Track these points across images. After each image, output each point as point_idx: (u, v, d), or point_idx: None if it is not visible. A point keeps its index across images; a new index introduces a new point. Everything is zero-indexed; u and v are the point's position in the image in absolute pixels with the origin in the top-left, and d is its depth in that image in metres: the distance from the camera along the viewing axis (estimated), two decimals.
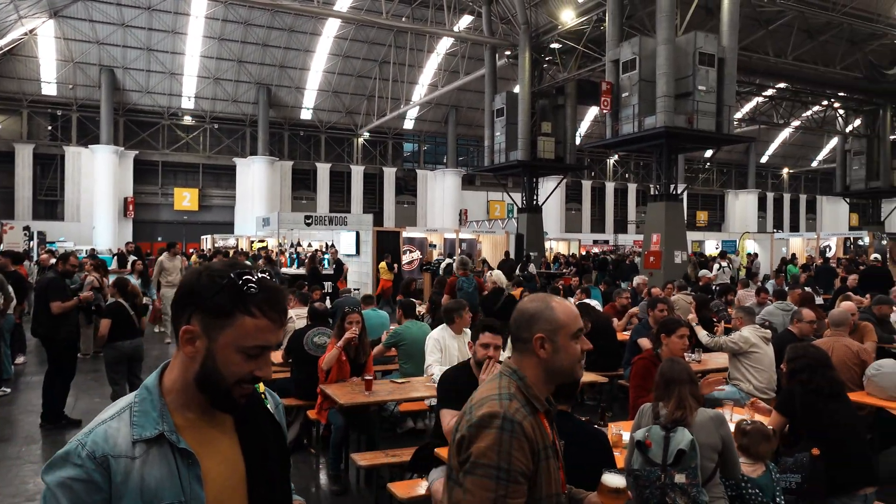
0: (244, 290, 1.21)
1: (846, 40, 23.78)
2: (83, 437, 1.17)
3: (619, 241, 37.17)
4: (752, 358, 5.40)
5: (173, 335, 5.27)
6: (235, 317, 1.21)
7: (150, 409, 1.22)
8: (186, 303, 1.24)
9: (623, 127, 18.57)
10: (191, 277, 1.26)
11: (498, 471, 1.61)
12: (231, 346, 1.22)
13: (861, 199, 31.36)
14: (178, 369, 1.27)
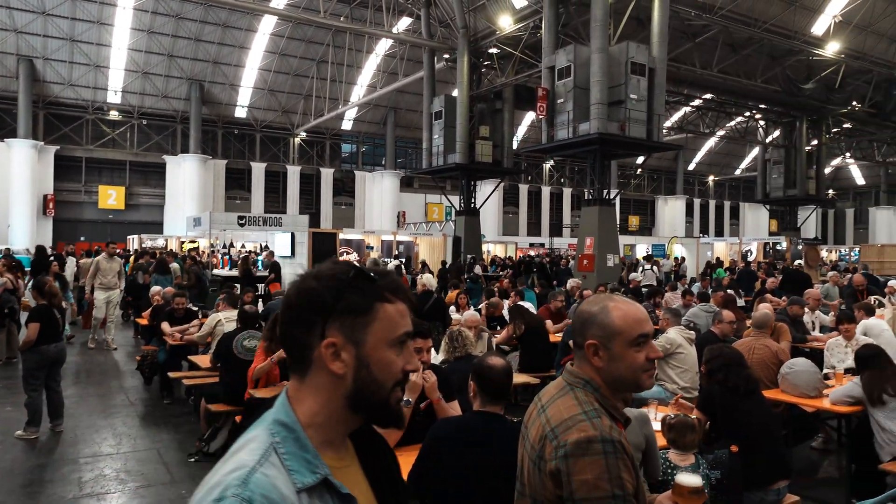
0: (373, 279, 1.09)
1: (766, 55, 25.02)
2: (239, 489, 0.92)
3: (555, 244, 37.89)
4: (678, 358, 5.58)
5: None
6: (375, 308, 1.07)
7: (298, 449, 1.02)
8: (312, 318, 1.06)
9: (558, 132, 18.95)
10: (303, 289, 1.08)
11: (615, 499, 1.47)
12: (382, 342, 1.07)
13: (780, 206, 33.01)
14: (316, 398, 1.06)
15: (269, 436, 1.02)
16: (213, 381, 6.01)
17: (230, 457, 1.00)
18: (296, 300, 1.08)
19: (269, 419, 1.05)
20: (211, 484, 0.95)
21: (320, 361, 1.05)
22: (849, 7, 25.43)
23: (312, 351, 1.06)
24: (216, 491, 0.92)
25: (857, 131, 35.13)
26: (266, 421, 1.05)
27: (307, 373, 1.07)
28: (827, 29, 25.95)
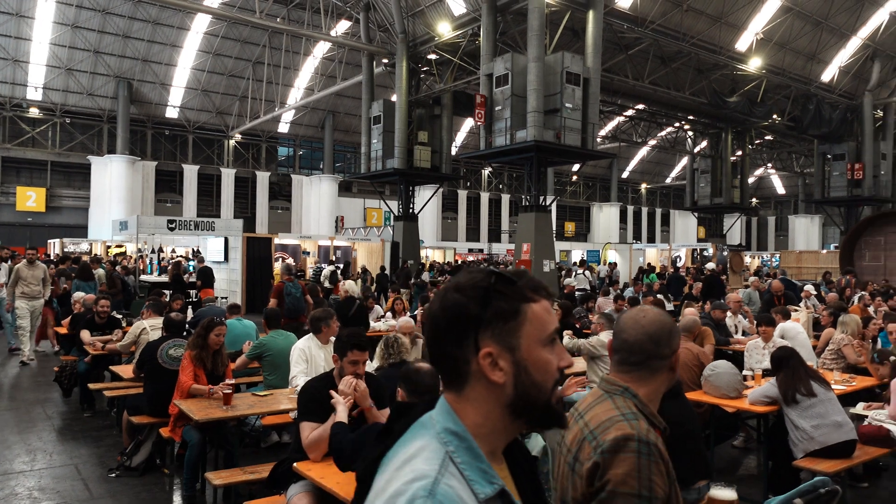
0: (514, 281, 1.06)
1: (694, 69, 26.06)
2: (427, 500, 0.89)
3: (494, 249, 38.30)
4: (608, 361, 5.72)
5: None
6: (523, 311, 1.06)
7: (473, 459, 1.00)
8: (463, 332, 1.03)
9: (496, 139, 19.18)
10: (448, 304, 1.05)
11: (640, 499, 1.50)
12: (535, 343, 1.06)
13: (707, 213, 34.40)
14: (478, 409, 1.04)
15: (441, 444, 1.00)
16: (137, 391, 5.77)
17: (402, 465, 0.97)
18: (442, 316, 1.06)
19: (436, 427, 1.02)
20: (391, 492, 0.92)
21: (478, 373, 1.03)
22: (769, 26, 26.79)
23: (469, 364, 1.04)
24: (401, 499, 0.90)
25: (777, 143, 37.03)
26: (432, 428, 1.03)
27: (464, 386, 1.05)
28: (750, 45, 27.25)
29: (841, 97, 30.27)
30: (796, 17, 26.85)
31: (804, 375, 4.71)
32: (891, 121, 30.95)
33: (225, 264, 17.67)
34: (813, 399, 4.59)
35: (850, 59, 30.32)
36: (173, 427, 4.86)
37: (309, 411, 3.40)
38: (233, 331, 6.83)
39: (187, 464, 4.57)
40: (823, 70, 30.51)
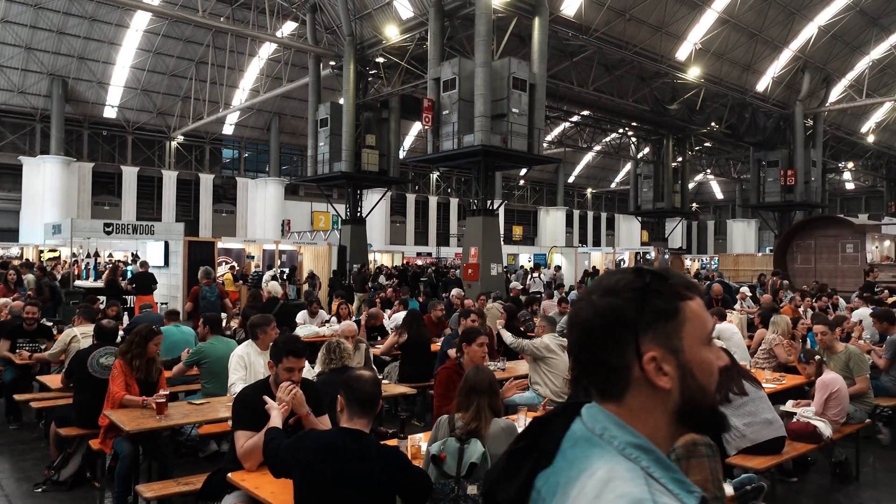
0: (668, 278, 0.99)
1: (637, 76, 26.73)
2: None
3: (442, 253, 38.38)
4: (550, 364, 5.79)
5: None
6: (681, 309, 0.98)
7: (668, 472, 0.91)
8: (622, 337, 0.96)
9: (444, 143, 19.22)
10: (601, 309, 0.98)
11: (716, 501, 1.59)
12: (698, 343, 0.98)
13: (650, 217, 35.32)
14: (645, 420, 0.96)
15: (630, 461, 0.91)
16: (67, 402, 5.53)
17: (600, 489, 0.87)
18: (597, 322, 0.98)
19: (613, 442, 0.93)
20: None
21: (641, 380, 0.96)
22: (707, 36, 27.71)
23: (629, 371, 0.96)
24: None
25: (716, 150, 38.31)
26: (608, 444, 0.93)
27: (624, 395, 0.97)
28: (689, 55, 28.13)
29: (774, 106, 31.55)
30: (732, 28, 27.86)
31: (736, 375, 4.85)
32: (820, 129, 32.43)
33: (165, 269, 17.12)
34: (745, 398, 4.74)
35: (782, 70, 31.64)
36: (104, 439, 4.67)
37: (243, 420, 3.31)
38: (170, 338, 6.63)
39: (118, 477, 4.40)
40: (758, 80, 31.74)
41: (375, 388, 2.66)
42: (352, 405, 2.59)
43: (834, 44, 31.24)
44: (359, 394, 2.61)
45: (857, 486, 5.51)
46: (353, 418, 2.59)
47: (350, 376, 2.66)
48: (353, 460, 2.49)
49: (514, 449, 1.03)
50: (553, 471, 0.95)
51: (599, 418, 0.97)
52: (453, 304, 10.55)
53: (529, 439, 1.02)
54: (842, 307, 11.80)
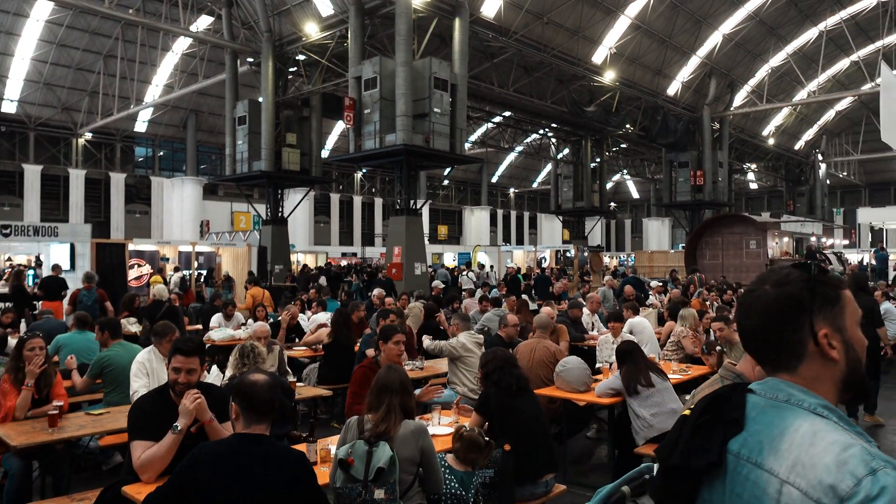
0: (826, 272, 1.21)
1: (555, 78, 27.37)
2: (881, 461, 1.00)
3: (367, 253, 38.08)
4: (467, 362, 5.82)
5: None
6: (842, 296, 1.20)
7: (851, 426, 1.10)
8: (799, 318, 1.17)
9: (366, 142, 19.07)
10: (781, 296, 1.18)
11: None
12: (854, 324, 1.20)
13: (570, 216, 36.23)
14: (818, 387, 1.16)
15: (824, 418, 1.10)
16: None
17: (811, 441, 1.06)
18: (776, 307, 1.18)
19: (804, 404, 1.12)
20: (846, 458, 1.01)
21: (815, 353, 1.16)
22: (621, 41, 28.71)
23: (805, 347, 1.16)
24: (853, 463, 1.00)
25: (631, 151, 39.76)
26: (798, 406, 1.12)
27: (798, 367, 1.17)
28: (604, 59, 29.06)
29: (684, 110, 33.04)
30: (644, 34, 28.97)
31: (644, 367, 5.04)
32: (726, 132, 34.21)
33: (71, 273, 16.19)
34: (651, 389, 4.93)
35: (691, 76, 33.19)
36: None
37: (140, 429, 3.16)
38: (72, 345, 6.28)
39: (6, 495, 4.11)
40: (669, 84, 33.16)
41: (270, 393, 2.55)
42: (246, 413, 2.49)
43: (737, 51, 33.04)
44: (254, 401, 2.49)
45: None
46: (251, 425, 2.50)
47: (243, 382, 2.56)
48: (256, 465, 2.41)
49: (698, 423, 1.19)
50: (749, 434, 1.14)
51: (782, 388, 1.17)
52: (374, 305, 10.48)
53: (710, 414, 1.19)
54: None
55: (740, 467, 1.13)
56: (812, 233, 26.57)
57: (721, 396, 1.21)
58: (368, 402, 3.21)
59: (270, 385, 2.56)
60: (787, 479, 1.06)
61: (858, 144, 44.92)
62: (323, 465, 3.35)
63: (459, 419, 4.42)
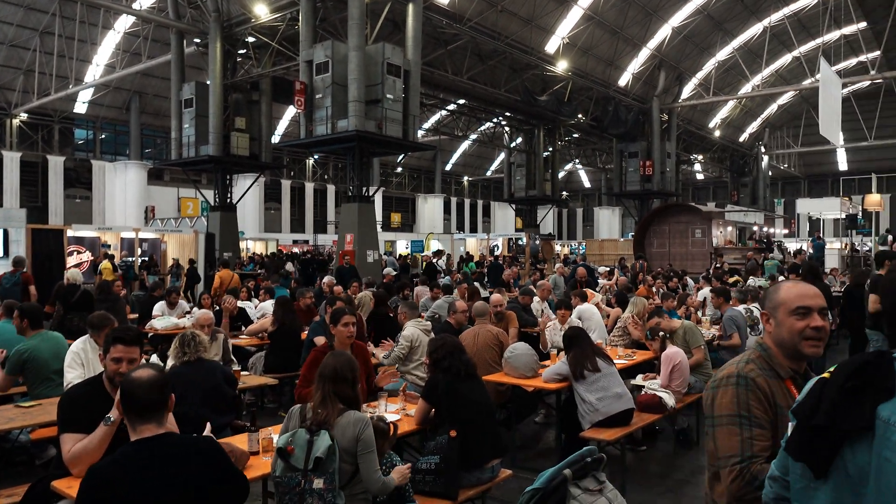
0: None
1: (509, 67, 27.44)
2: None
3: (319, 241, 37.63)
4: (418, 351, 5.75)
5: None
6: None
7: None
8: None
9: (317, 128, 18.77)
10: None
11: (740, 418, 1.89)
12: None
13: (523, 205, 36.54)
14: None
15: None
16: None
17: None
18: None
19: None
20: None
21: None
22: (574, 31, 28.98)
23: None
24: None
25: (583, 141, 40.27)
26: None
27: None
28: (557, 49, 29.28)
29: (634, 101, 33.61)
30: (596, 25, 29.30)
31: (591, 353, 5.10)
32: (674, 124, 34.97)
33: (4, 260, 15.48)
34: (598, 374, 4.99)
35: (641, 67, 33.77)
36: None
37: (70, 421, 3.02)
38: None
39: None
40: (620, 76, 33.68)
41: (152, 394, 2.27)
42: (129, 412, 2.28)
43: (686, 44, 33.75)
44: (137, 402, 2.26)
45: (697, 450, 5.99)
46: (137, 427, 2.26)
47: (126, 379, 2.33)
48: (157, 471, 2.18)
49: (846, 387, 1.25)
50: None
51: None
52: (324, 292, 10.35)
53: (859, 380, 1.24)
54: (690, 287, 12.81)
55: (890, 433, 1.17)
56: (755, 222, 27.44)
57: (870, 363, 1.25)
58: (315, 389, 3.14)
59: (152, 384, 2.29)
60: None
61: (799, 138, 46.55)
62: (265, 455, 3.28)
63: (406, 406, 4.40)
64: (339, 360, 3.15)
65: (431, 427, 4.04)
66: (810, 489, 1.32)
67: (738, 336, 7.23)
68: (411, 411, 4.24)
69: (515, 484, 4.89)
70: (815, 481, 1.30)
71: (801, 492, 1.35)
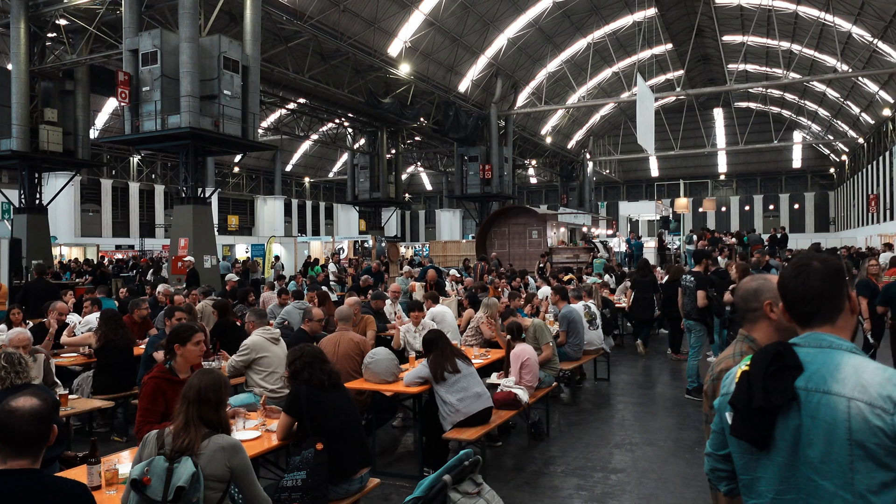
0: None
1: (352, 68, 27.21)
2: None
3: (147, 245, 34.83)
4: (261, 362, 5.38)
5: None
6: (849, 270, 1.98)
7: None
8: (844, 283, 1.65)
9: (145, 123, 17.35)
10: (838, 267, 1.65)
11: None
12: None
13: (367, 207, 36.42)
14: (846, 334, 1.64)
15: (859, 354, 1.56)
16: None
17: (860, 368, 1.50)
18: (836, 275, 1.62)
19: (843, 346, 1.57)
20: (888, 376, 1.46)
21: (847, 309, 1.64)
22: (416, 36, 29.42)
23: (843, 303, 1.63)
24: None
25: (425, 144, 41.01)
26: (839, 349, 1.57)
27: (836, 319, 1.62)
28: (400, 52, 29.56)
29: (474, 107, 34.81)
30: (437, 31, 29.98)
31: (450, 354, 5.15)
32: (510, 130, 36.69)
33: None
34: (458, 375, 5.06)
35: (479, 75, 35.10)
36: None
37: None
38: None
39: None
40: (460, 81, 34.74)
41: (33, 425, 2.05)
42: (5, 444, 2.03)
43: (520, 55, 35.62)
44: (10, 433, 2.03)
45: (549, 441, 6.29)
46: (8, 460, 2.03)
47: (3, 408, 2.07)
48: None
49: (769, 372, 1.55)
50: (811, 372, 1.54)
51: (823, 337, 1.60)
52: (159, 302, 9.55)
53: (776, 364, 1.55)
54: (532, 286, 13.48)
55: (810, 397, 1.52)
56: (583, 224, 29.57)
57: (779, 352, 1.57)
58: (175, 416, 2.82)
59: (34, 414, 2.06)
60: (853, 396, 1.46)
61: (618, 146, 51.04)
62: (109, 489, 2.90)
63: (266, 421, 4.14)
64: (204, 379, 2.86)
65: (295, 441, 3.84)
66: (754, 461, 1.61)
67: (566, 334, 7.71)
68: (272, 426, 4.00)
69: (381, 492, 4.82)
70: (759, 453, 1.59)
71: (747, 465, 1.63)
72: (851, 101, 40.27)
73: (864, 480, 1.43)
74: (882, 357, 8.24)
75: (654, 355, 10.84)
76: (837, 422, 1.46)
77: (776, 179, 55.70)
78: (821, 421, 1.48)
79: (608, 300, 11.00)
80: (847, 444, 1.44)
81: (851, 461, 1.44)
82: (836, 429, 1.46)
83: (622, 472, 5.45)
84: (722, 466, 1.76)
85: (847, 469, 1.45)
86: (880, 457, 1.42)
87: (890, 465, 1.42)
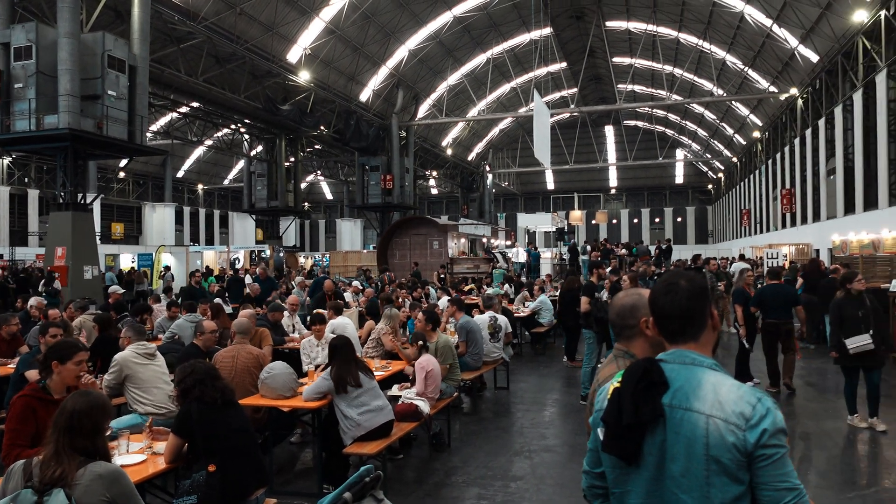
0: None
1: (249, 73, 26.42)
2: (773, 403, 1.56)
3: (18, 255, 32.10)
4: (134, 379, 5.03)
5: None
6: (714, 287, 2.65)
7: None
8: (708, 300, 1.74)
9: (17, 123, 16.02)
10: (702, 284, 1.74)
11: None
12: None
13: (264, 216, 35.36)
14: (707, 350, 1.72)
15: (719, 370, 1.63)
16: None
17: (719, 385, 1.58)
18: (701, 292, 1.69)
19: (705, 364, 1.64)
20: (739, 395, 1.55)
21: (710, 326, 1.70)
22: (316, 43, 29.00)
23: (706, 320, 1.69)
24: (754, 397, 1.54)
25: (325, 152, 40.44)
26: (701, 365, 1.63)
27: (700, 336, 1.69)
28: (300, 59, 29.02)
29: (375, 116, 34.73)
30: (339, 39, 29.69)
31: (354, 367, 5.06)
32: (412, 141, 36.88)
33: None
34: (360, 389, 4.97)
35: (381, 85, 35.07)
36: None
37: None
38: None
39: None
40: (361, 91, 34.55)
41: None
42: None
43: (421, 67, 35.93)
44: None
45: (450, 452, 6.30)
46: None
47: None
48: None
49: (638, 389, 1.60)
50: (675, 389, 1.60)
51: (686, 354, 1.66)
52: (32, 317, 8.79)
53: (644, 382, 1.60)
54: (433, 296, 13.54)
55: (674, 413, 1.58)
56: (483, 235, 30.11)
57: (647, 369, 1.62)
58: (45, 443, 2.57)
59: None
60: (711, 413, 1.53)
61: (516, 159, 52.49)
62: None
63: (152, 444, 3.88)
64: (79, 403, 2.60)
65: (185, 464, 3.62)
66: (624, 475, 1.66)
67: (465, 344, 7.80)
68: (159, 448, 3.76)
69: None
70: (629, 467, 1.64)
71: (618, 479, 1.68)
72: (726, 123, 43.63)
73: (720, 494, 1.50)
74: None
75: (550, 363, 11.17)
76: (697, 437, 1.53)
77: (661, 194, 59.25)
78: (682, 437, 1.55)
79: (507, 310, 11.23)
80: (704, 459, 1.52)
81: (707, 475, 1.51)
82: (696, 444, 1.53)
83: (521, 479, 5.55)
84: (598, 483, 1.79)
85: (703, 483, 1.52)
86: (734, 471, 1.49)
87: (742, 480, 1.50)
